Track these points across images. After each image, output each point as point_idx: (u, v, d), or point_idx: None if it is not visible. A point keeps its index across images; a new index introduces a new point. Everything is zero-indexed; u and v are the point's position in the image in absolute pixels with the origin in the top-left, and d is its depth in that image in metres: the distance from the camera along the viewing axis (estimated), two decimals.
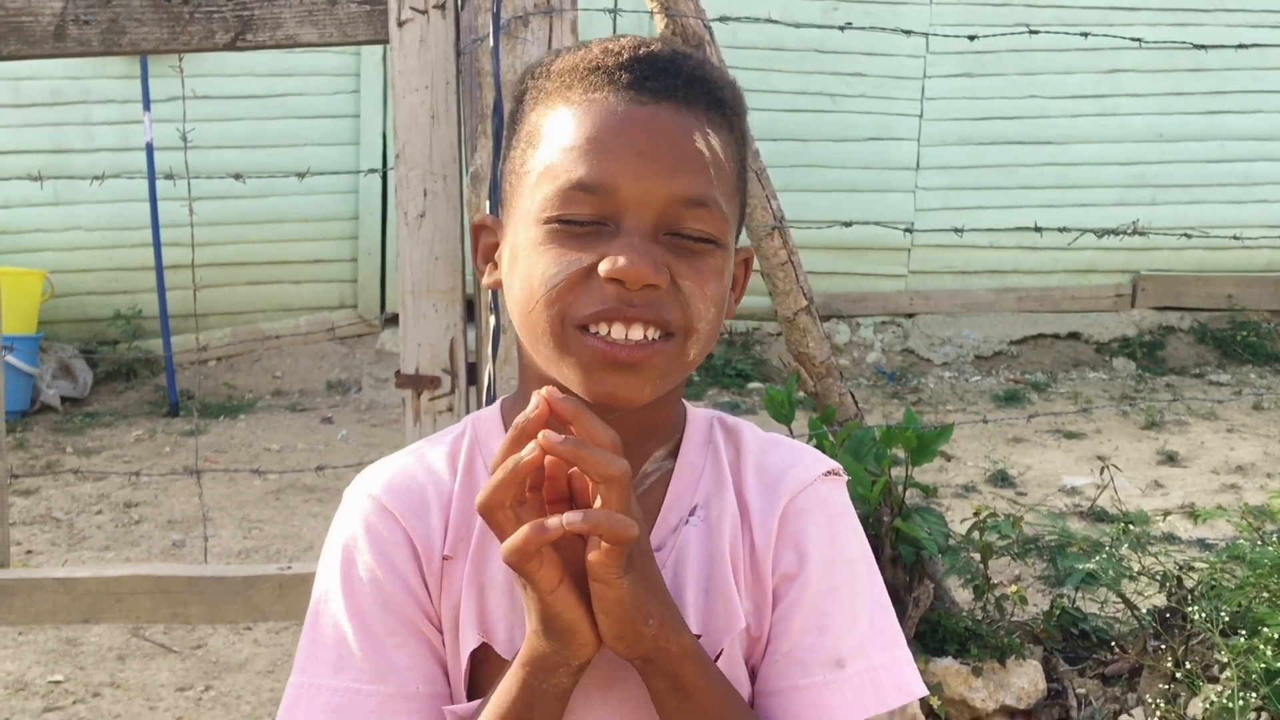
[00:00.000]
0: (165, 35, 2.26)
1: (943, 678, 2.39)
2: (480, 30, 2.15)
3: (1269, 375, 6.49)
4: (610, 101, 0.89)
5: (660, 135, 0.88)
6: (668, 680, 0.87)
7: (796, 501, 0.97)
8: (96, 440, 5.36)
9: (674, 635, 0.86)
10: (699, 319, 0.90)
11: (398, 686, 0.94)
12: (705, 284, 0.89)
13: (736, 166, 0.94)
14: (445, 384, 2.27)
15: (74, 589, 2.41)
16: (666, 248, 0.88)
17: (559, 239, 0.89)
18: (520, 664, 0.87)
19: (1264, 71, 6.72)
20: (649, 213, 0.88)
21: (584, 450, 0.80)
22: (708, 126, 0.91)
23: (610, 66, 0.91)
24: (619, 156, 0.88)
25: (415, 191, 2.21)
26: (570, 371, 0.90)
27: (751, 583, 0.96)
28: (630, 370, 0.88)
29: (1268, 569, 2.30)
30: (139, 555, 3.89)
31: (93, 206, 6.14)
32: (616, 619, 0.83)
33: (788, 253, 2.49)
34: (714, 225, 0.90)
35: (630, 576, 0.82)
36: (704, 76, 0.93)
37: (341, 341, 6.52)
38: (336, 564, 0.97)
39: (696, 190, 0.88)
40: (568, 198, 0.88)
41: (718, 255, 0.91)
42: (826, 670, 0.93)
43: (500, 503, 0.82)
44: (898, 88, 6.63)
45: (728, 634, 0.94)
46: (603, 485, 0.80)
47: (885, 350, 6.75)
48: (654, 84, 0.90)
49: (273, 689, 2.94)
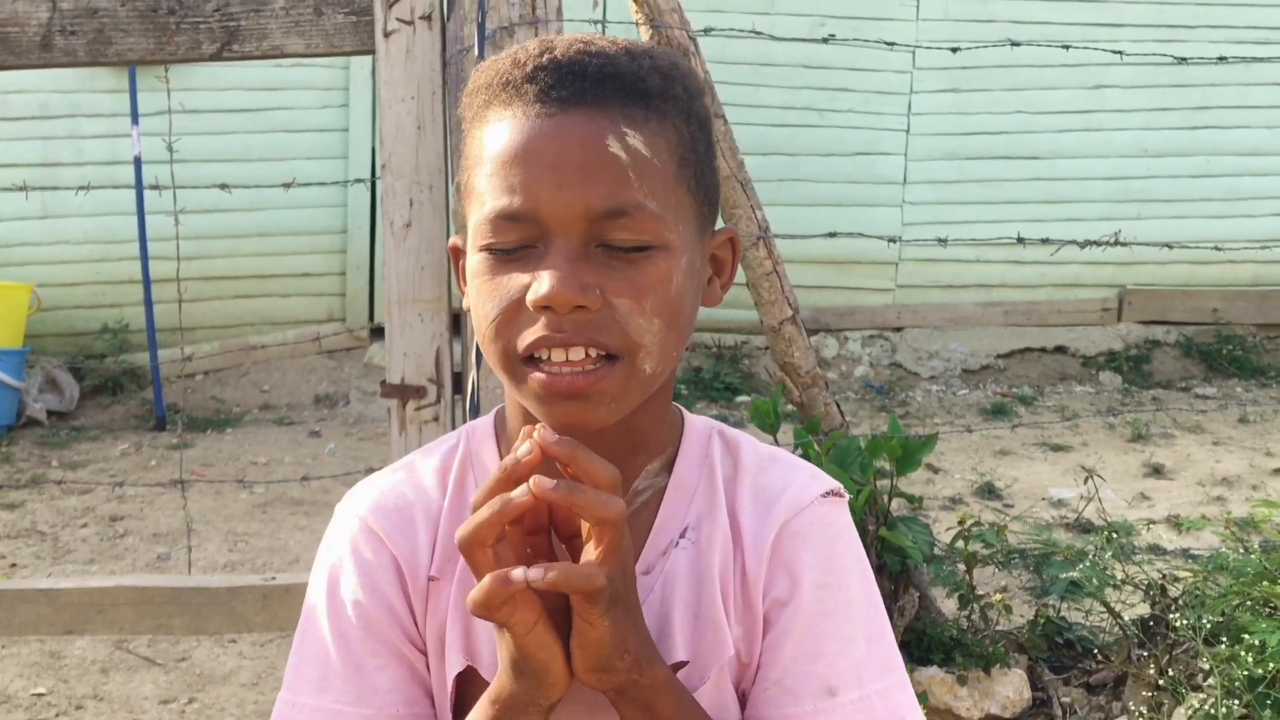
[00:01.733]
0: (151, 45, 2.27)
1: (928, 687, 2.40)
2: (466, 41, 2.16)
3: (1254, 389, 6.52)
4: (519, 118, 0.86)
5: (570, 147, 0.85)
6: (641, 711, 0.86)
7: (792, 524, 0.95)
8: (82, 454, 5.34)
9: (648, 667, 0.84)
10: (642, 334, 0.86)
11: (379, 709, 0.94)
12: (643, 297, 0.85)
13: (676, 156, 0.89)
14: (431, 394, 2.27)
15: (56, 600, 2.40)
16: (600, 261, 0.85)
17: (493, 268, 0.87)
18: (489, 701, 0.86)
19: (1248, 87, 6.78)
20: (573, 230, 0.84)
21: (578, 494, 0.78)
22: (624, 125, 0.85)
23: (518, 80, 0.87)
24: (534, 176, 0.85)
25: (401, 201, 2.22)
26: (527, 401, 0.89)
27: (742, 607, 0.94)
28: (580, 399, 0.86)
29: (1251, 577, 2.31)
30: (124, 569, 3.87)
31: (80, 220, 6.13)
32: (593, 655, 0.81)
33: (773, 263, 2.50)
34: (644, 230, 0.85)
35: (613, 613, 0.81)
36: (616, 72, 0.87)
37: (330, 355, 6.51)
38: (323, 584, 0.97)
39: (616, 200, 0.84)
40: (494, 226, 0.86)
41: (658, 259, 0.86)
42: (818, 699, 0.91)
43: (482, 541, 0.80)
44: (884, 103, 6.66)
45: (716, 661, 0.92)
46: (596, 527, 0.79)
47: (873, 364, 6.76)
48: (559, 91, 0.86)
49: (257, 701, 2.92)
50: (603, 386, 0.86)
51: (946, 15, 6.52)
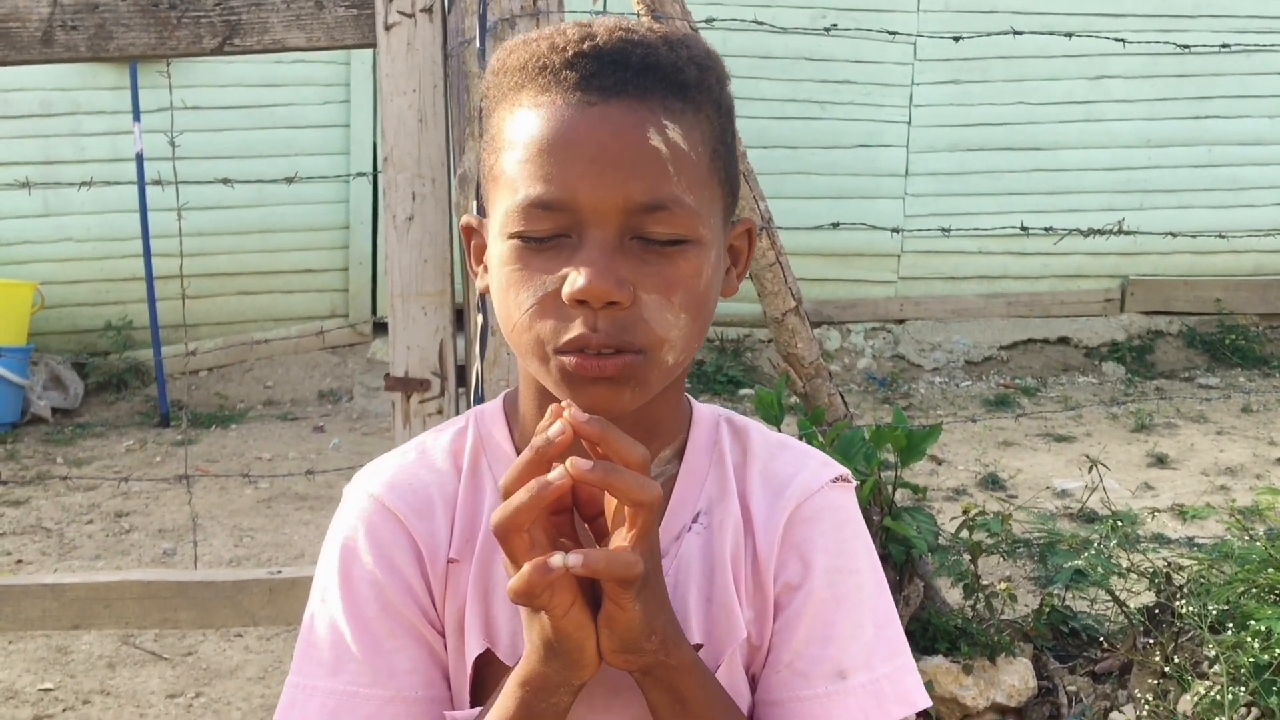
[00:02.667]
0: (153, 40, 2.27)
1: (933, 676, 2.40)
2: (467, 33, 2.16)
3: (1257, 378, 6.51)
4: (558, 105, 0.85)
5: (611, 138, 0.84)
6: (666, 692, 0.86)
7: (802, 509, 0.95)
8: (87, 451, 5.35)
9: (674, 649, 0.84)
10: (669, 329, 0.86)
11: (396, 690, 0.92)
12: (673, 292, 0.86)
13: (709, 149, 0.89)
14: (435, 386, 2.27)
15: (63, 595, 2.41)
16: (634, 254, 0.85)
17: (524, 257, 0.87)
18: (518, 684, 0.85)
19: (1249, 76, 6.77)
20: (609, 222, 0.84)
21: (615, 476, 0.78)
22: (664, 118, 0.85)
23: (556, 65, 0.86)
24: (572, 166, 0.84)
25: (404, 194, 2.22)
26: (553, 385, 0.89)
27: (753, 591, 0.95)
28: (608, 382, 0.86)
29: (1256, 565, 2.31)
30: (129, 564, 3.88)
31: (83, 217, 6.14)
32: (622, 636, 0.81)
33: (775, 253, 2.50)
34: (681, 224, 0.86)
35: (644, 596, 0.80)
36: (657, 63, 0.86)
37: (333, 351, 6.52)
38: (335, 563, 0.95)
39: (655, 194, 0.84)
40: (527, 214, 0.85)
41: (692, 253, 0.87)
42: (828, 682, 0.92)
43: (519, 526, 0.78)
44: (886, 95, 6.65)
45: (729, 644, 0.93)
46: (631, 509, 0.79)
47: (876, 356, 6.76)
48: (601, 80, 0.85)
49: (264, 695, 2.93)
50: (630, 372, 0.86)
51: (947, 6, 6.50)
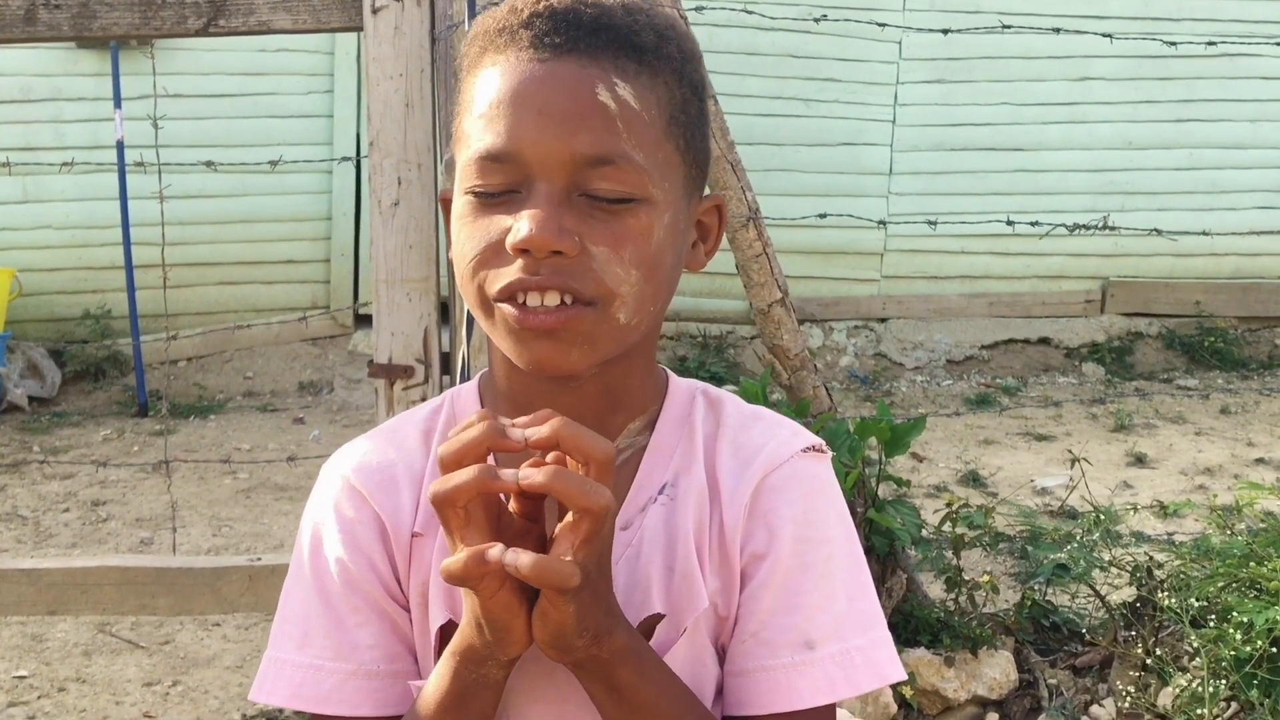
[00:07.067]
0: (136, 20, 2.24)
1: (915, 668, 2.40)
2: (455, 17, 2.14)
3: (1235, 380, 6.55)
4: (513, 62, 0.87)
5: (560, 92, 0.85)
6: (599, 682, 0.86)
7: (770, 479, 0.94)
8: (64, 440, 5.30)
9: (606, 640, 0.84)
10: (619, 283, 0.86)
11: (359, 664, 0.94)
12: (621, 246, 0.85)
13: (665, 114, 0.89)
14: (419, 374, 2.25)
15: (39, 580, 2.39)
16: (581, 210, 0.85)
17: (477, 210, 0.88)
18: (451, 653, 0.86)
19: (1231, 80, 6.80)
20: (556, 175, 0.85)
21: (559, 483, 0.77)
22: (615, 76, 0.86)
23: (514, 25, 0.88)
24: (521, 119, 0.85)
25: (389, 180, 2.20)
26: (500, 341, 0.89)
27: (719, 562, 0.94)
28: (551, 336, 0.86)
29: (1237, 559, 2.32)
30: (106, 553, 3.85)
31: (62, 205, 6.08)
32: (554, 632, 0.81)
33: (762, 245, 2.50)
34: (628, 182, 0.86)
35: (580, 599, 0.80)
36: (611, 24, 0.87)
37: (314, 342, 6.48)
38: (306, 543, 0.98)
39: (601, 148, 0.84)
40: (481, 168, 0.87)
41: (640, 212, 0.86)
42: (795, 651, 0.91)
43: (454, 502, 0.79)
44: (871, 93, 6.66)
45: (690, 613, 0.92)
46: (576, 515, 0.78)
47: (858, 354, 6.77)
48: (553, 38, 0.86)
49: (241, 684, 2.91)
50: (574, 326, 0.86)
51: (933, 5, 6.51)
